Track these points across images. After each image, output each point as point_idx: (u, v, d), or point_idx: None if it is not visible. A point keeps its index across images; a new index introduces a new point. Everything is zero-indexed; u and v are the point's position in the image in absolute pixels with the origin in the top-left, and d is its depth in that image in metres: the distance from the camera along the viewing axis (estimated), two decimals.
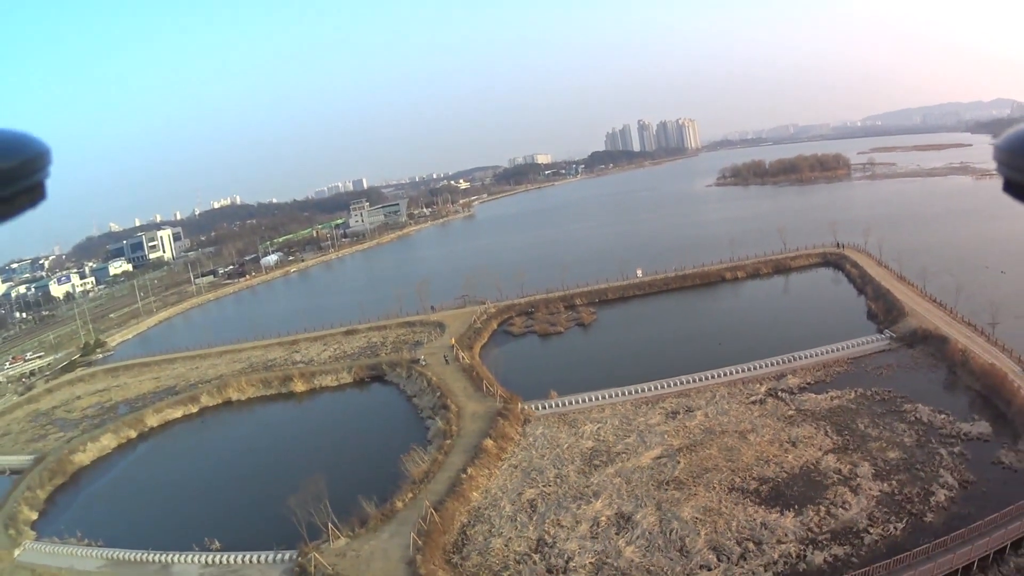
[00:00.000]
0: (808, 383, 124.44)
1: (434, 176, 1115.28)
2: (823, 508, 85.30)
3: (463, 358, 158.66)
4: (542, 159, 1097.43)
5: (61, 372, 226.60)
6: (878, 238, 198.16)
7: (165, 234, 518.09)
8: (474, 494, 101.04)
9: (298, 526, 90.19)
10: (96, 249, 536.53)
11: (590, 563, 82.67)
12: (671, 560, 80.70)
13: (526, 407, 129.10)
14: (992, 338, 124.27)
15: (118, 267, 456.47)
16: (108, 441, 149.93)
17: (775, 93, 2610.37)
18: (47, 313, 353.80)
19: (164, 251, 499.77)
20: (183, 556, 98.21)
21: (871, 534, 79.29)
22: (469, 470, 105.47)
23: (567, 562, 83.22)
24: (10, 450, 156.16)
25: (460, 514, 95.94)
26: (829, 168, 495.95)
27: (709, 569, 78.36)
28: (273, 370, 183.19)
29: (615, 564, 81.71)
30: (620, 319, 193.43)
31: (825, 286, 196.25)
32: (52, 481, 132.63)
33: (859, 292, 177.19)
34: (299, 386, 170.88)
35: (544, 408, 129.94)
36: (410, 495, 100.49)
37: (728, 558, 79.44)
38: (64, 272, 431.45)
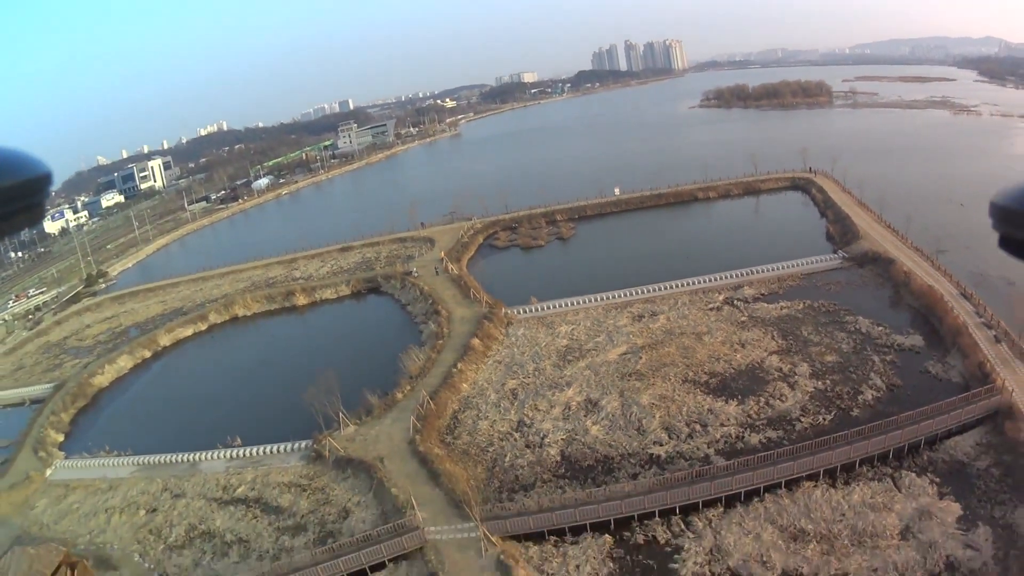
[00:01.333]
0: (762, 294, 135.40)
1: (420, 95, 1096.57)
2: (763, 399, 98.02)
3: (452, 269, 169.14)
4: (528, 78, 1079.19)
5: (67, 304, 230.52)
6: (846, 166, 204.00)
7: (155, 164, 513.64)
8: (464, 385, 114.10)
9: (313, 417, 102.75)
10: (86, 183, 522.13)
11: (562, 439, 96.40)
12: (630, 437, 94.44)
13: (509, 311, 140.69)
14: (936, 263, 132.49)
15: (110, 199, 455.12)
16: (124, 362, 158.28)
17: (765, 17, 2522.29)
18: (43, 250, 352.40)
19: (155, 181, 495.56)
20: (209, 454, 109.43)
21: (802, 422, 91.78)
22: (459, 365, 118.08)
23: (543, 439, 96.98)
24: (28, 381, 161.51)
25: (452, 402, 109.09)
26: (811, 95, 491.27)
27: (661, 445, 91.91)
28: (275, 287, 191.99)
29: (583, 440, 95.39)
30: (597, 234, 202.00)
31: (790, 208, 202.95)
32: (74, 404, 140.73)
33: (821, 215, 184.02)
34: (301, 300, 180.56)
35: (525, 312, 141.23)
36: (408, 387, 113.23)
37: (678, 436, 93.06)
38: (57, 208, 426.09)
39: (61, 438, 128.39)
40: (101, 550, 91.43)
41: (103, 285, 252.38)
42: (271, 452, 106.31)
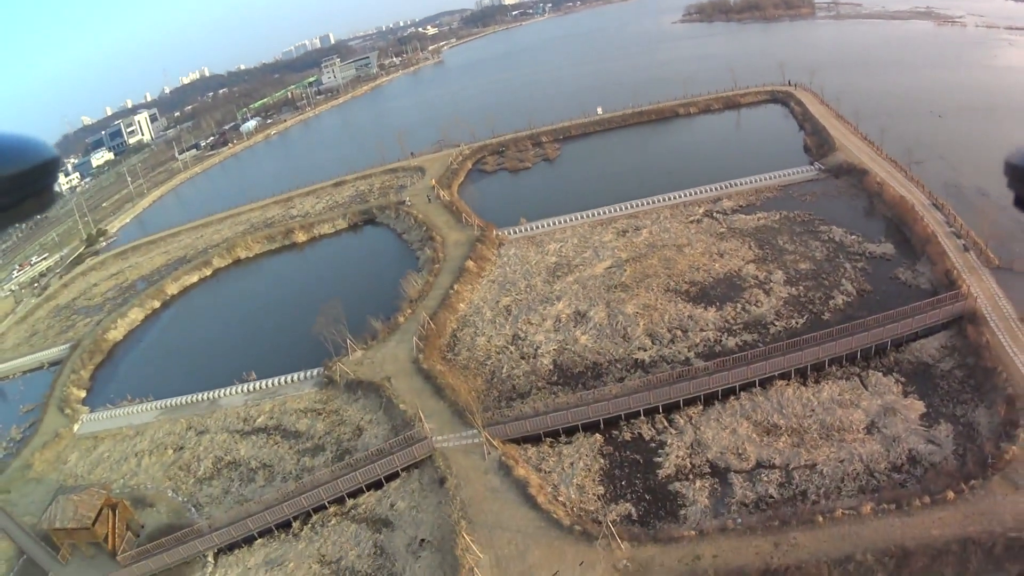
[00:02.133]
0: (741, 206, 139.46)
1: (401, 24, 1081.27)
2: (739, 305, 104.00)
3: (443, 196, 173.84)
4: None
5: (71, 266, 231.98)
6: (826, 78, 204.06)
7: (142, 117, 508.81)
8: (461, 305, 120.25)
9: (322, 346, 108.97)
10: (74, 145, 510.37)
11: (553, 349, 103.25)
12: (616, 344, 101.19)
13: (500, 233, 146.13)
14: (910, 174, 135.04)
15: (100, 158, 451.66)
16: (136, 315, 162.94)
17: None
18: (40, 217, 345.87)
19: (143, 134, 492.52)
20: (227, 390, 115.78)
21: (776, 326, 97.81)
22: (455, 287, 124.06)
23: (536, 350, 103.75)
24: (43, 346, 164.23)
25: (451, 321, 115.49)
26: (793, 6, 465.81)
27: (645, 350, 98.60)
28: (274, 226, 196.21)
29: (573, 349, 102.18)
30: (582, 153, 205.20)
31: (770, 121, 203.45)
32: (92, 360, 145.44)
33: (799, 128, 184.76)
34: (300, 236, 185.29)
35: (515, 233, 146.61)
36: (409, 311, 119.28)
37: (660, 342, 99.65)
38: None
39: (83, 394, 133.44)
40: (136, 491, 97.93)
41: (104, 243, 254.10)
42: (285, 382, 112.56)
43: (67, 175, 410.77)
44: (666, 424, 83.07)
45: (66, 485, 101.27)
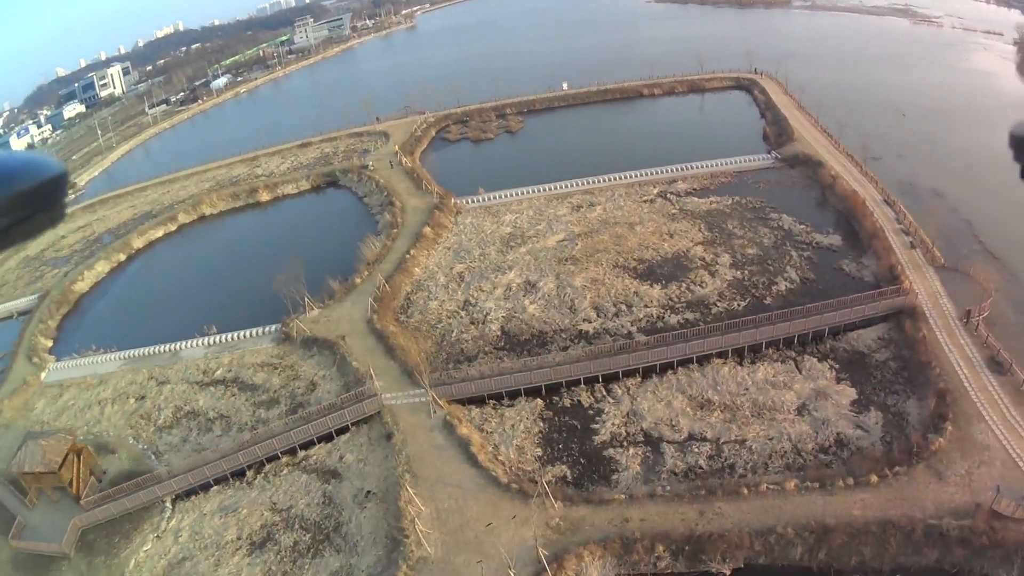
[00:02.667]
0: (695, 189, 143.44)
1: None
2: (684, 285, 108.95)
3: (406, 162, 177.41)
4: None
5: None
6: (793, 69, 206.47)
7: (115, 71, 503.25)
8: (416, 270, 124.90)
9: (281, 303, 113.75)
10: (47, 97, 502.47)
11: (502, 316, 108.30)
12: (563, 315, 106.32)
13: (458, 201, 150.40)
14: (865, 169, 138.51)
15: (72, 110, 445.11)
16: (102, 267, 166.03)
17: None
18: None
19: (115, 87, 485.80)
20: (188, 343, 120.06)
21: (718, 307, 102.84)
22: (412, 252, 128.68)
23: (485, 316, 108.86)
24: (12, 296, 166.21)
25: (405, 285, 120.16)
26: None
27: (590, 322, 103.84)
28: (239, 185, 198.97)
29: (521, 317, 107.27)
30: (545, 128, 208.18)
31: (732, 107, 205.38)
32: (59, 311, 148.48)
33: (761, 116, 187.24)
34: (264, 196, 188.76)
35: (473, 202, 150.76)
36: (366, 273, 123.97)
37: (605, 315, 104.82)
38: (21, 125, 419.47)
39: (50, 343, 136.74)
40: (99, 438, 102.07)
41: (72, 196, 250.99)
42: (244, 337, 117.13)
43: (40, 127, 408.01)
44: (605, 393, 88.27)
45: (33, 431, 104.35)
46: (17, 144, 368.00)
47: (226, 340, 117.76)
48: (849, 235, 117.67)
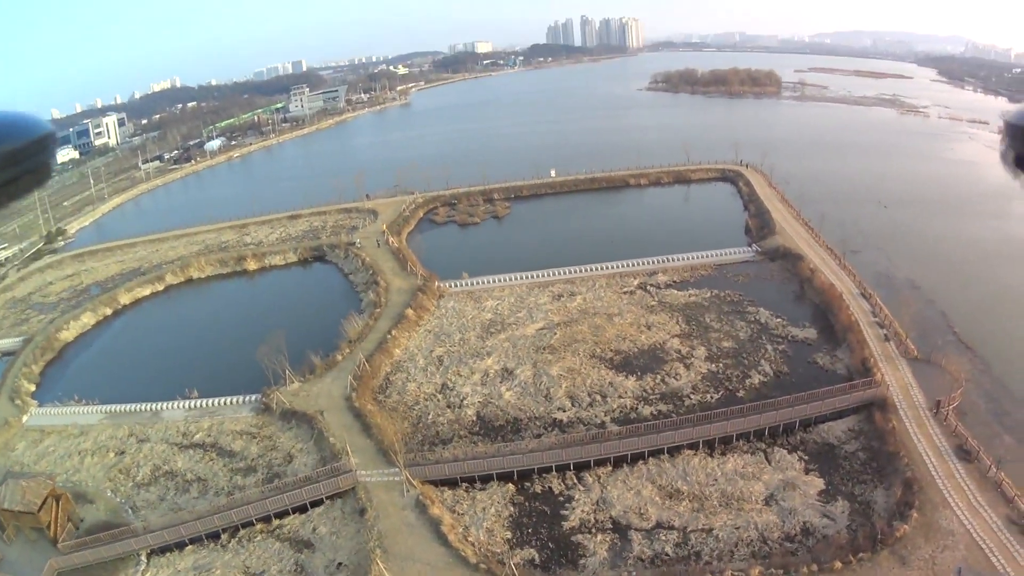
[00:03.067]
0: (674, 281, 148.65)
1: (374, 59, 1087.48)
2: (659, 377, 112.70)
3: (392, 242, 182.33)
4: (482, 47, 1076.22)
5: (29, 261, 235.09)
6: (779, 160, 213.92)
7: (110, 120, 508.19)
8: (396, 351, 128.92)
9: (262, 373, 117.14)
10: None
11: (479, 401, 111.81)
12: (538, 403, 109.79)
13: (442, 285, 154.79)
14: (843, 262, 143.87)
15: (65, 155, 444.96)
16: (88, 319, 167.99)
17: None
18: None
19: (109, 137, 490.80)
20: (169, 404, 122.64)
21: (691, 399, 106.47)
22: (393, 332, 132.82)
23: (462, 400, 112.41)
24: None
25: (385, 365, 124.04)
26: (760, 84, 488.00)
27: (564, 411, 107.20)
28: (228, 251, 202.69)
29: (497, 403, 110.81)
30: (531, 214, 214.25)
31: (716, 199, 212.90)
32: (43, 357, 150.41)
33: (744, 208, 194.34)
34: (252, 264, 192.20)
35: (456, 286, 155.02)
36: (347, 350, 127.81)
37: (579, 404, 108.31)
38: None
39: (33, 388, 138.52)
40: (78, 486, 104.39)
41: (62, 243, 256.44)
42: (225, 404, 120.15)
43: None
44: (576, 481, 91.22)
45: (14, 471, 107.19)
46: None
47: (207, 405, 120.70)
48: (825, 328, 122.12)
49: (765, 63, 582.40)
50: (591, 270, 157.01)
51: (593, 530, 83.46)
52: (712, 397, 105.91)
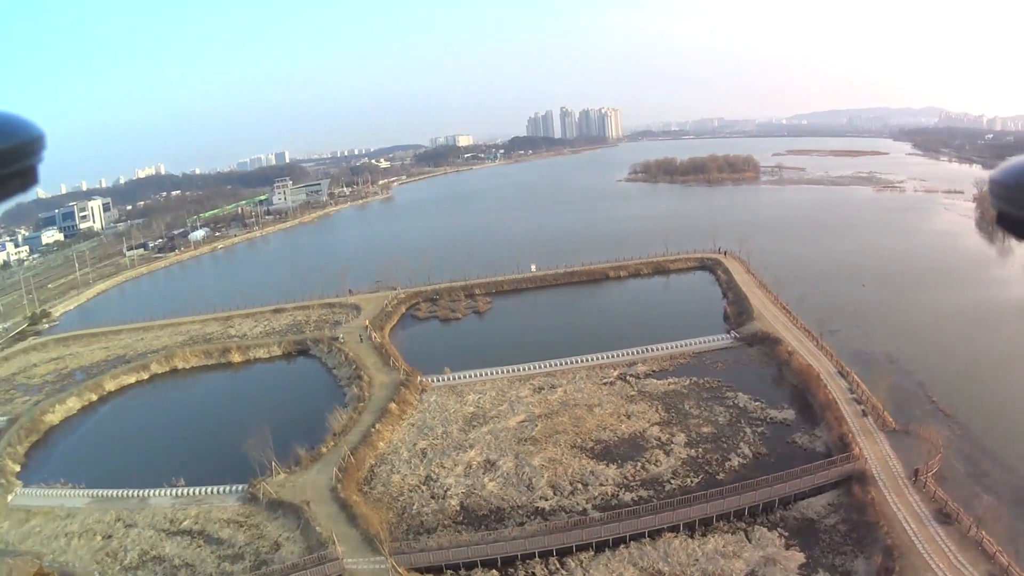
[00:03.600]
0: (653, 371, 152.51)
1: (356, 152, 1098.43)
2: (640, 464, 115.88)
3: (375, 337, 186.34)
4: (463, 140, 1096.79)
5: (13, 341, 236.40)
6: (756, 245, 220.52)
7: (95, 204, 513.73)
8: (381, 444, 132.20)
9: (248, 463, 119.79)
10: (26, 215, 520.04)
11: (462, 492, 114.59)
12: (520, 492, 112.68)
13: (424, 379, 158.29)
14: (821, 343, 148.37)
15: (50, 236, 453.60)
16: (73, 403, 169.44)
17: (703, 86, 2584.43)
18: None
19: (94, 221, 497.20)
20: (157, 491, 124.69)
21: (672, 484, 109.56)
22: (377, 426, 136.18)
23: (446, 491, 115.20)
24: None
25: (369, 457, 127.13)
26: (738, 170, 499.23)
27: (546, 499, 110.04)
28: (212, 343, 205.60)
29: (480, 494, 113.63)
30: (512, 309, 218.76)
31: (696, 288, 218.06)
32: (28, 439, 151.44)
33: (723, 295, 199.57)
34: (236, 357, 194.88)
35: (438, 381, 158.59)
36: (332, 443, 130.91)
37: (561, 493, 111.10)
38: None
39: (18, 468, 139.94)
40: (65, 567, 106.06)
41: (47, 326, 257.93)
42: (212, 492, 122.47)
43: (17, 246, 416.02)
44: (559, 566, 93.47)
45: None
46: None
47: (194, 493, 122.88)
48: (803, 408, 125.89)
49: (743, 148, 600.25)
50: (571, 362, 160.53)
51: None
52: (692, 481, 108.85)
